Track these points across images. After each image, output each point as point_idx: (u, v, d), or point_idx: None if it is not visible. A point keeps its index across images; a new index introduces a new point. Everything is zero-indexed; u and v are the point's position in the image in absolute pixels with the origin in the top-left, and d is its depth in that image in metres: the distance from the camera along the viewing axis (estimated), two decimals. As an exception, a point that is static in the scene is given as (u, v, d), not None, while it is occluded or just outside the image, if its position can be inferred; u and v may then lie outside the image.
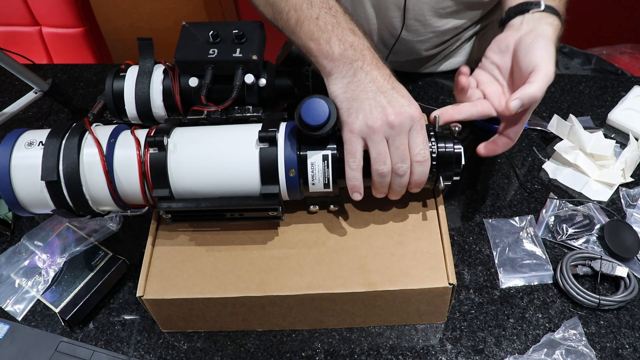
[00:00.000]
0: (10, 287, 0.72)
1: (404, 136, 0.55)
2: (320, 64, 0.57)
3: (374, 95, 0.55)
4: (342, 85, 0.56)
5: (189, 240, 0.64)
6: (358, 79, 0.55)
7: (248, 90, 0.63)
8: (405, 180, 0.58)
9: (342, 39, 0.55)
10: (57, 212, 0.58)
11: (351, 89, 0.55)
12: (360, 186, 0.57)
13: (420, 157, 0.56)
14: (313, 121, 0.54)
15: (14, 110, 0.89)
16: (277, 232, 0.64)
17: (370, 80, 0.55)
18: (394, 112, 0.54)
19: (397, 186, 0.58)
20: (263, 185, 0.57)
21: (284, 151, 0.57)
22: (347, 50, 0.55)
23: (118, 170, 0.57)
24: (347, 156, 0.56)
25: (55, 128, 0.58)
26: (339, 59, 0.55)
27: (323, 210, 0.65)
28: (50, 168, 0.55)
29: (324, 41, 0.56)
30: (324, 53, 0.56)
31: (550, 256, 0.71)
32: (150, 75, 0.64)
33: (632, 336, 0.64)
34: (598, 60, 1.28)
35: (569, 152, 0.79)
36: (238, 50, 0.61)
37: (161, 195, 0.58)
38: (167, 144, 0.57)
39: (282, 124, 0.59)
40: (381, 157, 0.55)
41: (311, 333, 0.66)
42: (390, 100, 0.55)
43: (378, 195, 0.60)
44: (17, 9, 1.29)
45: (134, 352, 0.66)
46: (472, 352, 0.63)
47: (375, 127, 0.54)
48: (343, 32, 0.56)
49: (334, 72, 0.56)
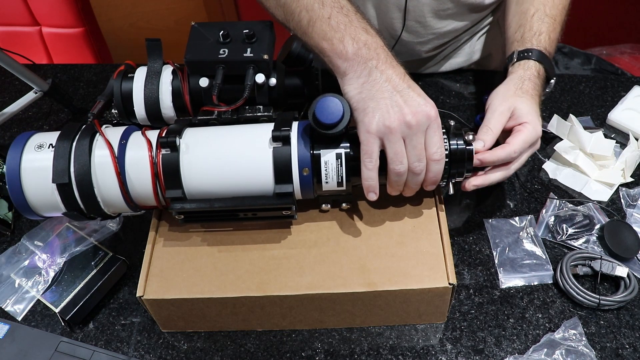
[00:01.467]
0: (10, 287, 0.72)
1: (420, 135, 0.55)
2: (334, 64, 0.56)
3: (390, 95, 0.54)
4: (357, 86, 0.55)
5: (189, 240, 0.64)
6: (373, 78, 0.55)
7: (258, 90, 0.63)
8: (421, 179, 0.58)
9: (355, 37, 0.55)
10: (68, 215, 0.58)
11: (367, 88, 0.55)
12: (376, 186, 0.57)
13: (438, 155, 0.56)
14: (327, 119, 0.54)
15: (14, 110, 0.89)
16: (277, 233, 0.64)
17: (386, 79, 0.55)
18: (411, 112, 0.54)
19: (413, 184, 0.58)
20: (277, 185, 0.57)
21: (297, 150, 0.57)
22: (361, 49, 0.55)
23: (130, 171, 0.57)
24: (364, 156, 0.56)
25: (65, 130, 0.57)
26: (353, 58, 0.55)
27: (323, 211, 0.65)
28: (61, 170, 0.55)
29: (337, 40, 0.55)
30: (337, 52, 0.55)
31: (550, 256, 0.71)
32: (159, 76, 0.64)
33: (632, 336, 0.64)
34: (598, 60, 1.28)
35: (569, 152, 0.79)
36: (249, 50, 0.61)
37: (174, 196, 0.57)
38: (180, 144, 0.57)
39: (294, 123, 0.59)
40: (398, 157, 0.55)
41: (311, 333, 0.66)
42: (406, 99, 0.54)
43: (393, 193, 0.61)
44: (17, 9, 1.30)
45: (134, 352, 0.66)
46: (472, 352, 0.63)
47: (393, 127, 0.54)
48: (356, 31, 0.55)
49: (349, 72, 0.56)
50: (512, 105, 0.64)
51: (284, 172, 0.57)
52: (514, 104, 0.64)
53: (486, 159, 0.60)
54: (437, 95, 0.93)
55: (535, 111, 0.65)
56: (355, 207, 0.66)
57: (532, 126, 0.62)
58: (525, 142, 0.62)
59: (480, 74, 0.98)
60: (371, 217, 0.65)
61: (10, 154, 0.56)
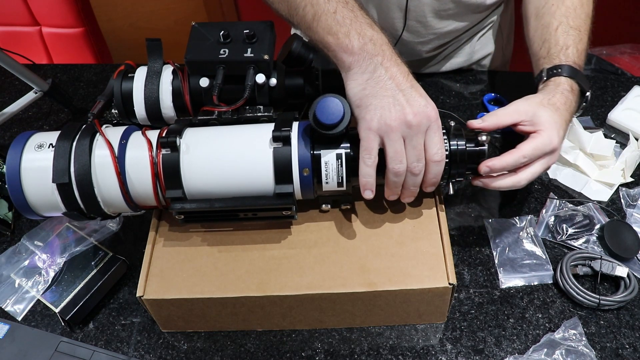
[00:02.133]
0: (10, 287, 0.72)
1: (421, 136, 0.55)
2: (339, 59, 0.56)
3: (393, 93, 0.54)
4: (361, 82, 0.55)
5: (189, 240, 0.64)
6: (378, 75, 0.54)
7: (259, 90, 0.63)
8: (419, 180, 0.57)
9: (361, 32, 0.55)
10: (68, 215, 0.58)
11: (370, 85, 0.55)
12: (373, 183, 0.57)
13: (438, 156, 0.56)
14: (328, 120, 0.54)
15: (14, 110, 0.89)
16: (277, 233, 0.64)
17: (390, 77, 0.54)
18: (412, 112, 0.54)
19: (411, 185, 0.58)
20: (277, 185, 0.57)
21: (297, 150, 0.57)
22: (367, 45, 0.54)
23: (130, 171, 0.57)
24: (363, 152, 0.55)
25: (65, 130, 0.57)
26: (359, 53, 0.55)
27: (323, 211, 0.65)
28: (61, 170, 0.55)
29: (342, 35, 0.55)
30: (343, 47, 0.55)
31: (550, 256, 0.71)
32: (159, 76, 0.64)
33: (632, 336, 0.64)
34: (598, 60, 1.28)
35: (569, 152, 0.79)
36: (249, 50, 0.61)
37: (174, 196, 0.57)
38: (180, 144, 0.57)
39: (295, 124, 0.59)
40: (398, 156, 0.55)
41: (311, 333, 0.66)
42: (408, 99, 0.54)
43: (391, 197, 0.60)
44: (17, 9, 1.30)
45: (134, 352, 0.66)
46: (472, 352, 0.63)
47: (394, 125, 0.54)
48: (362, 26, 0.55)
49: (354, 67, 0.55)
50: (533, 111, 0.61)
51: (284, 172, 0.57)
52: (535, 111, 0.61)
53: (495, 165, 0.58)
54: (437, 95, 0.93)
55: (557, 122, 0.60)
56: (355, 207, 0.66)
57: (547, 135, 0.59)
58: (537, 149, 0.59)
59: (480, 74, 0.98)
60: (371, 217, 0.65)
61: (10, 153, 0.56)
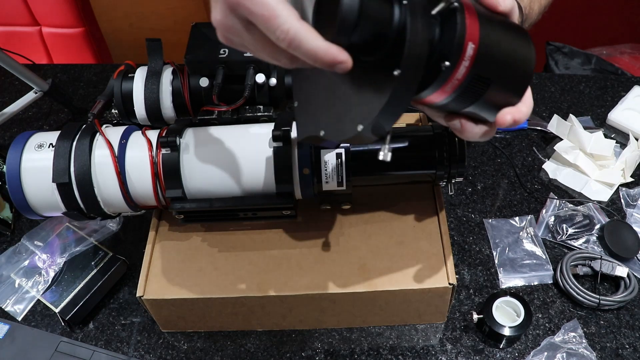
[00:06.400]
0: (10, 287, 0.72)
1: None
2: None
3: None
4: None
5: (189, 240, 0.64)
6: None
7: (259, 90, 0.63)
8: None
9: None
10: (68, 215, 0.58)
11: None
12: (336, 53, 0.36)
13: None
14: None
15: (14, 110, 0.89)
16: (277, 233, 0.64)
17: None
18: None
19: None
20: (277, 184, 0.57)
21: (297, 150, 0.57)
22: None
23: (130, 171, 0.57)
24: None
25: (65, 130, 0.57)
26: None
27: (323, 211, 0.65)
28: (61, 170, 0.55)
29: None
30: None
31: (550, 256, 0.71)
32: (159, 76, 0.64)
33: (632, 336, 0.64)
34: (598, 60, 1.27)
35: (569, 152, 0.79)
36: None
37: (174, 196, 0.57)
38: (180, 144, 0.57)
39: (295, 123, 0.59)
40: None
41: (311, 333, 0.66)
42: None
43: None
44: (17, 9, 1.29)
45: (134, 352, 0.66)
46: (472, 352, 0.63)
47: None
48: None
49: None
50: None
51: (284, 171, 0.57)
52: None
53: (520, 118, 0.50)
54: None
55: None
56: (355, 207, 0.66)
57: None
58: None
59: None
60: (371, 217, 0.65)
61: (10, 153, 0.56)
